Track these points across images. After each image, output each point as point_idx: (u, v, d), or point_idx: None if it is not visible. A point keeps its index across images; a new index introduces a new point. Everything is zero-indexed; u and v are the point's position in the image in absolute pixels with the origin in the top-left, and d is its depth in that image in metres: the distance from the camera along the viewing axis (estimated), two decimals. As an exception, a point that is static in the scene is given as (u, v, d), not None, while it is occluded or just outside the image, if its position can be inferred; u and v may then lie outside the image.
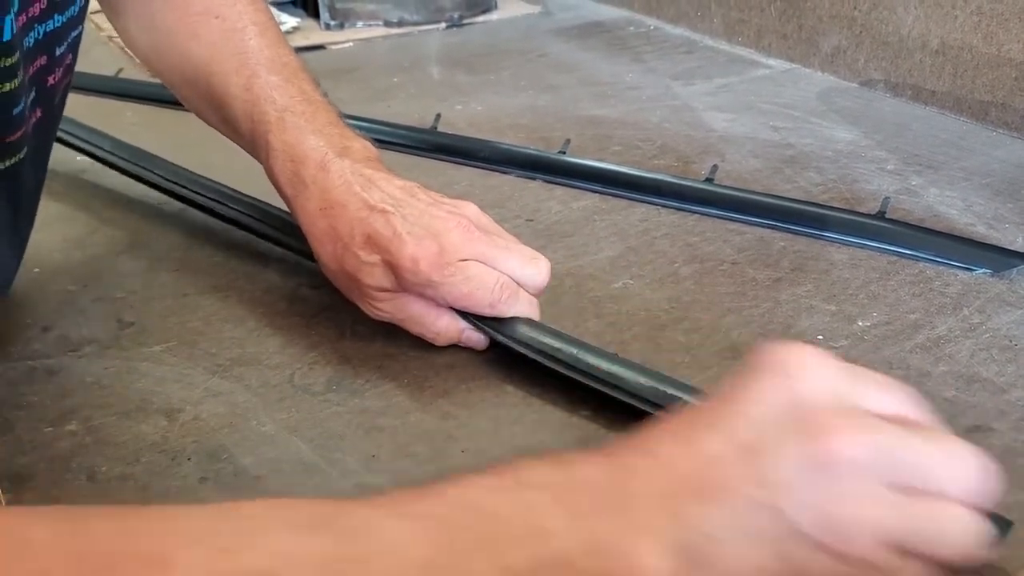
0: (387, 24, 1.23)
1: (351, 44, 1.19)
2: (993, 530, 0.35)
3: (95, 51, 1.09)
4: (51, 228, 0.67)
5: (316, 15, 1.24)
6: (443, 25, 1.23)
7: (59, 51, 0.49)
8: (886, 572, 0.31)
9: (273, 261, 0.62)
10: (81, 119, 0.76)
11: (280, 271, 0.62)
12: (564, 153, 0.77)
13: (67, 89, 0.53)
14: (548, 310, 0.53)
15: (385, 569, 0.29)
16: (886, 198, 0.66)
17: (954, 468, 0.32)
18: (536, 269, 0.51)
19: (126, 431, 0.47)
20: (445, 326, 0.51)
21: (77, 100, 0.57)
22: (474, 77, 1.03)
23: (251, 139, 0.55)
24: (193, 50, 0.57)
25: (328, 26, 1.22)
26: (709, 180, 0.71)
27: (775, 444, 0.32)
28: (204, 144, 0.66)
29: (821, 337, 0.53)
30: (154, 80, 0.93)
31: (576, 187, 0.73)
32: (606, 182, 0.73)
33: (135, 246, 0.66)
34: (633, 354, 0.51)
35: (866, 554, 0.31)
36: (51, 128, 0.53)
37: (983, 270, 0.59)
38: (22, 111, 0.44)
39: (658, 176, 0.72)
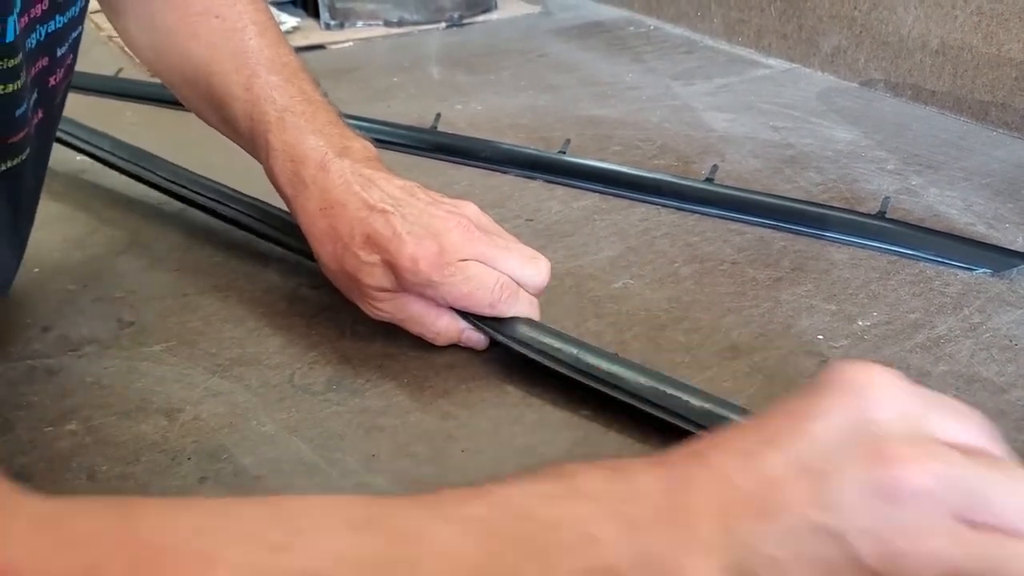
0: (387, 24, 1.23)
1: (351, 44, 1.19)
2: None
3: (95, 51, 1.09)
4: (51, 228, 0.67)
5: (316, 15, 1.24)
6: (443, 25, 1.23)
7: (60, 52, 0.49)
8: None
9: (273, 261, 0.62)
10: (81, 119, 0.76)
11: (280, 271, 0.62)
12: (564, 153, 0.77)
13: (67, 89, 0.53)
14: (548, 310, 0.53)
15: (435, 572, 0.29)
16: (886, 198, 0.66)
17: (1021, 503, 0.30)
18: (536, 269, 0.51)
19: (126, 431, 0.47)
20: (445, 326, 0.51)
21: (77, 100, 0.57)
22: (474, 77, 1.03)
23: (251, 139, 0.55)
24: (193, 50, 0.57)
25: (328, 26, 1.22)
26: (709, 180, 0.71)
27: (839, 467, 0.31)
28: (204, 144, 0.66)
29: (821, 337, 0.53)
30: (154, 80, 0.93)
31: (576, 187, 0.73)
32: (606, 182, 0.73)
33: (135, 246, 0.66)
34: (633, 354, 0.51)
35: None
36: (51, 128, 0.53)
37: (983, 270, 0.59)
38: (25, 112, 0.44)
39: (658, 176, 0.72)
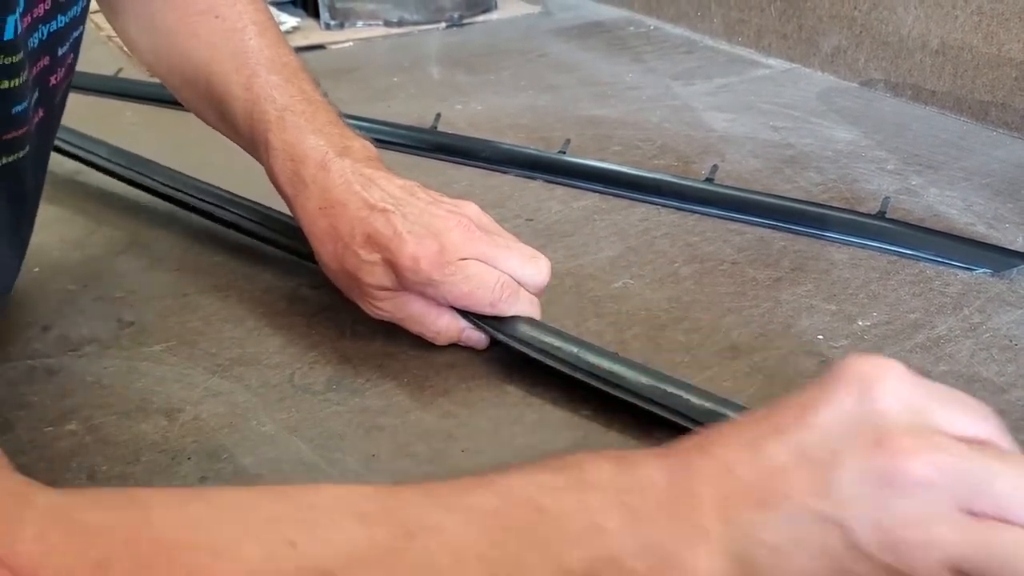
0: (387, 24, 1.23)
1: (351, 44, 1.19)
2: None
3: (95, 51, 1.09)
4: (49, 229, 0.67)
5: (316, 15, 1.24)
6: (443, 25, 1.23)
7: (61, 51, 0.49)
8: None
9: (273, 261, 0.62)
10: (81, 119, 0.76)
11: (280, 271, 0.62)
12: (564, 153, 0.77)
13: (68, 89, 0.53)
14: (548, 310, 0.53)
15: (442, 564, 0.29)
16: (886, 198, 0.66)
17: None
18: (536, 268, 0.51)
19: (126, 431, 0.47)
20: (445, 325, 0.51)
21: (77, 100, 0.56)
22: (474, 77, 1.03)
23: (251, 138, 0.55)
24: (193, 50, 0.57)
25: (328, 26, 1.22)
26: (709, 180, 0.71)
27: (843, 457, 0.31)
28: (204, 144, 0.66)
29: (821, 337, 0.53)
30: (154, 80, 0.93)
31: (576, 187, 0.73)
32: (606, 182, 0.73)
33: (135, 246, 0.66)
34: (633, 354, 0.51)
35: (925, 575, 0.30)
36: (52, 128, 0.53)
37: (983, 270, 0.59)
38: (25, 110, 0.44)
39: (658, 176, 0.72)
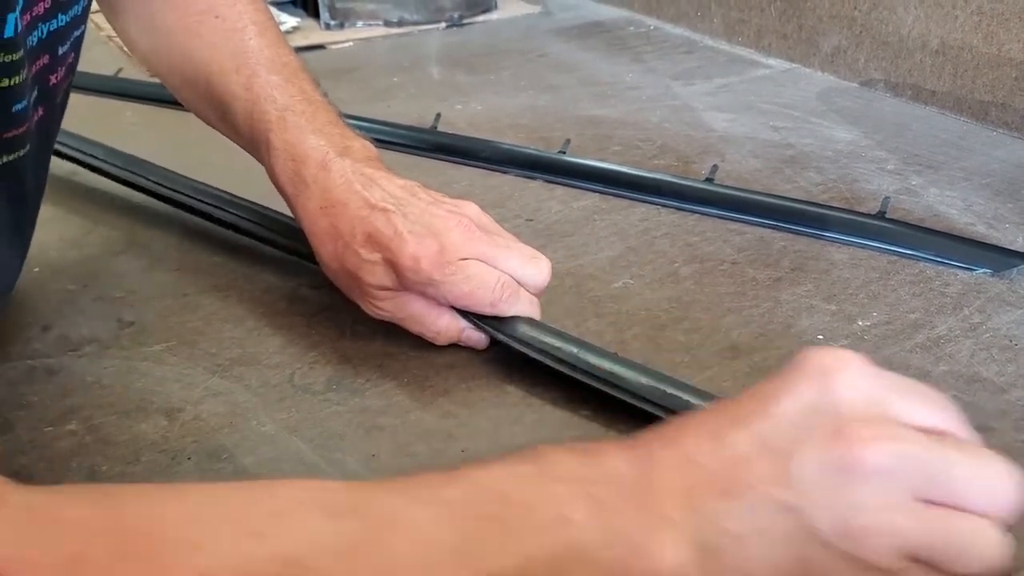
0: (387, 24, 1.23)
1: (351, 44, 1.19)
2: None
3: (95, 51, 1.09)
4: (48, 228, 0.67)
5: (316, 15, 1.24)
6: (443, 25, 1.23)
7: (62, 50, 0.49)
8: None
9: (273, 261, 0.62)
10: (81, 119, 0.76)
11: (280, 271, 0.62)
12: (564, 153, 0.77)
13: (69, 88, 0.53)
14: (548, 310, 0.53)
15: (410, 555, 0.30)
16: (886, 198, 0.66)
17: (982, 483, 0.32)
18: (537, 268, 0.51)
19: (126, 431, 0.47)
20: (445, 325, 0.51)
21: (77, 100, 0.56)
22: (474, 77, 1.03)
23: (251, 138, 0.55)
24: (193, 50, 0.57)
25: (328, 26, 1.22)
26: (709, 180, 0.71)
27: (803, 447, 0.32)
28: (204, 144, 0.66)
29: (821, 337, 0.53)
30: (154, 80, 0.93)
31: (576, 187, 0.73)
32: (606, 182, 0.73)
33: (134, 245, 0.66)
34: (633, 354, 0.51)
35: (884, 563, 0.31)
36: (53, 127, 0.53)
37: (983, 270, 0.59)
38: (25, 108, 0.44)
39: (658, 176, 0.72)
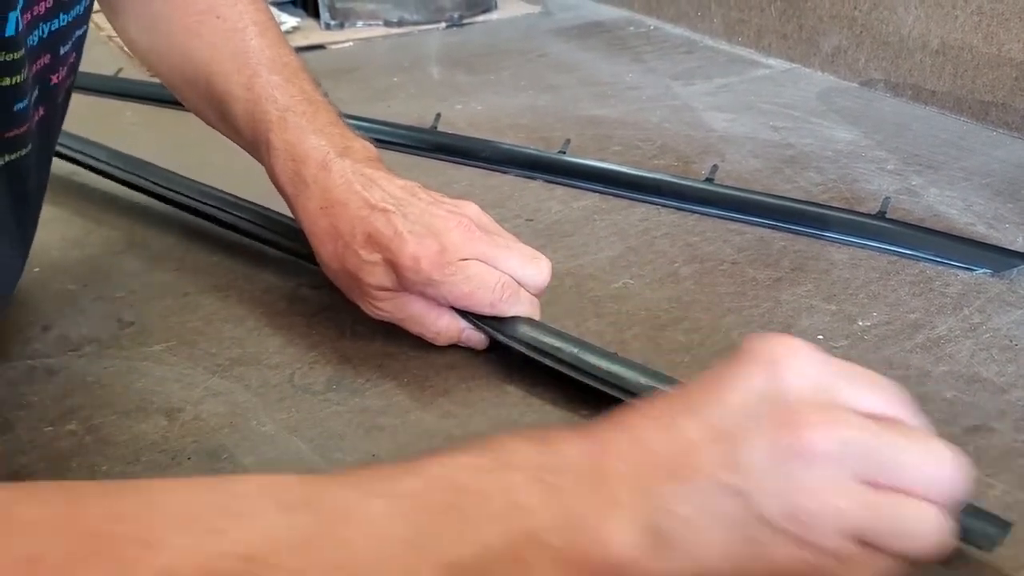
0: (387, 24, 1.23)
1: (351, 44, 1.19)
2: (992, 530, 0.35)
3: (95, 51, 1.09)
4: (49, 228, 0.67)
5: (316, 15, 1.24)
6: (443, 25, 1.23)
7: (63, 50, 0.48)
8: (847, 562, 0.32)
9: (273, 261, 0.62)
10: (81, 119, 0.76)
11: (280, 271, 0.62)
12: (564, 153, 0.77)
13: (71, 88, 0.53)
14: (548, 310, 0.53)
15: (367, 548, 0.30)
16: (886, 198, 0.66)
17: (926, 467, 0.33)
18: (537, 269, 0.51)
19: (126, 431, 0.47)
20: (445, 325, 0.51)
21: (77, 100, 0.56)
22: (474, 77, 1.03)
23: (252, 138, 0.55)
24: (194, 50, 0.57)
25: (328, 26, 1.22)
26: (709, 180, 0.71)
27: (751, 432, 0.33)
28: (204, 144, 0.66)
29: (821, 337, 0.53)
30: (154, 80, 0.93)
31: (576, 187, 0.73)
32: (606, 182, 0.73)
33: (134, 246, 0.66)
34: (633, 354, 0.51)
35: (828, 543, 0.32)
36: (54, 127, 0.53)
37: (983, 270, 0.59)
38: (25, 107, 0.44)
39: (658, 176, 0.72)
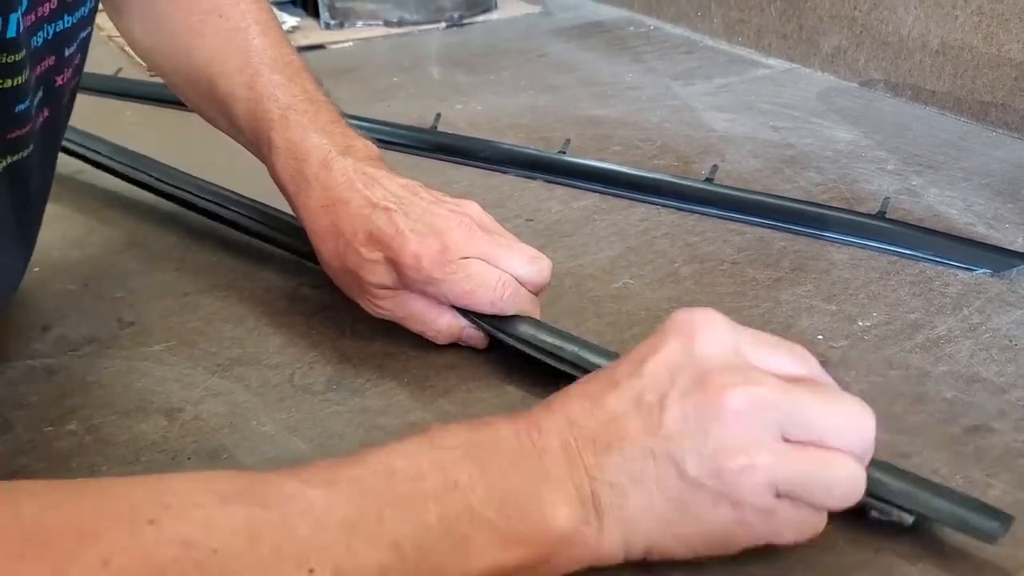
0: (387, 24, 1.23)
1: (351, 44, 1.19)
2: (994, 524, 0.35)
3: (95, 50, 1.08)
4: (49, 227, 0.66)
5: (316, 15, 1.24)
6: (443, 25, 1.23)
7: (68, 51, 0.48)
8: (769, 515, 0.34)
9: (273, 260, 0.62)
10: (82, 119, 0.76)
11: (280, 270, 0.62)
12: (564, 153, 0.77)
13: (76, 89, 0.53)
14: (548, 309, 0.53)
15: (308, 531, 0.31)
16: (886, 198, 0.66)
17: (838, 421, 0.35)
18: (537, 268, 0.51)
19: (126, 431, 0.47)
20: (446, 324, 0.51)
21: (77, 99, 0.56)
22: (474, 77, 1.03)
23: (253, 137, 0.55)
24: (196, 49, 0.57)
25: (328, 26, 1.22)
26: (709, 180, 0.71)
27: (670, 399, 0.35)
28: (205, 144, 0.66)
29: (821, 337, 0.53)
30: (154, 80, 0.93)
31: (576, 187, 0.73)
32: (606, 182, 0.73)
33: (134, 245, 0.66)
34: (634, 354, 0.51)
35: (753, 500, 0.34)
36: (59, 128, 0.53)
37: (983, 270, 0.59)
38: (27, 108, 0.44)
39: (658, 176, 0.72)
